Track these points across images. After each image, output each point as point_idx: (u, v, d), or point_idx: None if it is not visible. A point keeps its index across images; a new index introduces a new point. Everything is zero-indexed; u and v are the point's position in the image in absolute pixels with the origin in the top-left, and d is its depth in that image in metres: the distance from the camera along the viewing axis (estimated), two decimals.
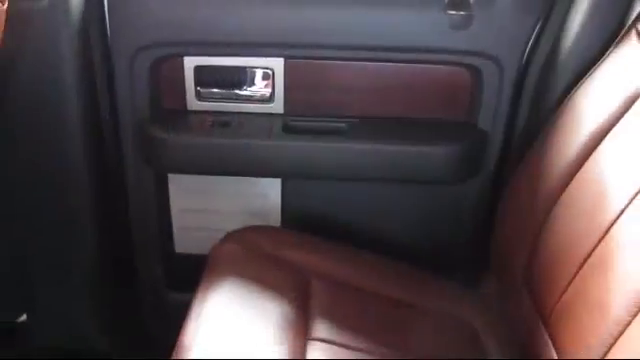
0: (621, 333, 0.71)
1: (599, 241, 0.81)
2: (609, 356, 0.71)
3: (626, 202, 0.79)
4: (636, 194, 0.79)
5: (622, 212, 0.79)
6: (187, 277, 1.10)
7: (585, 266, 0.82)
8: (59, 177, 1.22)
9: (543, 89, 1.11)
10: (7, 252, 1.34)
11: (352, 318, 1.00)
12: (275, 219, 1.28)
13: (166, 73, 1.19)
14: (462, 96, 1.19)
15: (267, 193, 1.27)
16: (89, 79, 1.15)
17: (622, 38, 0.96)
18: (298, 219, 1.27)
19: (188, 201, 1.30)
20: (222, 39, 1.16)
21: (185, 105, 1.21)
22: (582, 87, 1.00)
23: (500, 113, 1.17)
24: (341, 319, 0.98)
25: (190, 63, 1.18)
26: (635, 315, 0.69)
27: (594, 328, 0.75)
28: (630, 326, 0.69)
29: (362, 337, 0.96)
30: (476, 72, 1.16)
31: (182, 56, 1.18)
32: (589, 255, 0.82)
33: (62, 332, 1.39)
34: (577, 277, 0.83)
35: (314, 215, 1.27)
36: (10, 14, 0.95)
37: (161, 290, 1.35)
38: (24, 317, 1.45)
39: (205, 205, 1.29)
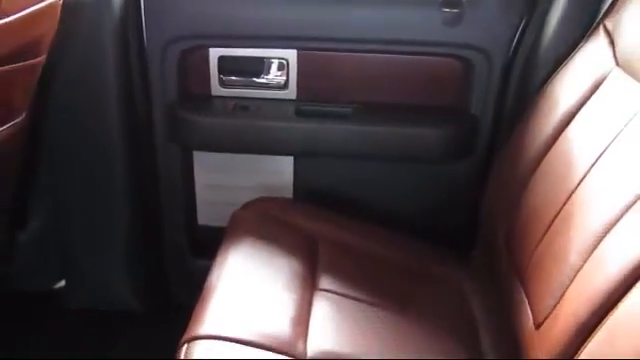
0: (575, 276, 0.84)
1: (566, 200, 0.95)
2: (565, 296, 0.85)
3: (588, 167, 0.93)
4: (596, 161, 0.93)
5: (585, 176, 0.93)
6: (208, 246, 1.25)
7: (554, 223, 0.96)
8: (97, 153, 1.38)
9: (527, 78, 1.25)
10: (51, 223, 1.50)
11: (353, 275, 1.14)
12: (288, 193, 1.43)
13: (193, 62, 1.35)
14: (455, 84, 1.34)
15: (281, 170, 1.42)
16: (126, 66, 1.31)
17: (592, 33, 1.11)
18: (308, 193, 1.42)
19: (210, 177, 1.45)
20: (243, 33, 1.32)
21: (210, 91, 1.37)
22: (558, 75, 1.14)
23: (489, 99, 1.31)
24: (343, 275, 1.13)
25: (214, 54, 1.34)
26: (586, 260, 0.83)
27: (556, 274, 0.89)
28: (582, 270, 0.83)
29: (361, 289, 1.10)
30: (467, 63, 1.31)
31: (207, 47, 1.34)
32: (558, 213, 0.96)
33: (96, 296, 1.55)
34: (547, 233, 0.97)
35: (322, 190, 1.42)
36: (63, 8, 1.11)
37: (185, 257, 1.50)
38: (63, 283, 1.62)
39: (225, 181, 1.45)
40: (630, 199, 0.80)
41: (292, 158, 1.41)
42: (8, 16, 0.88)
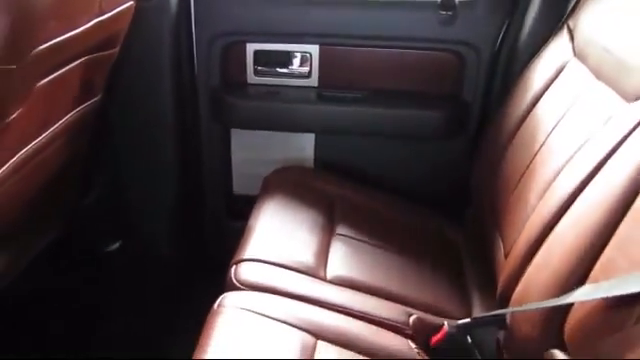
0: (532, 212, 1.10)
1: (531, 161, 1.21)
2: (525, 228, 1.10)
3: (547, 135, 1.19)
4: (553, 129, 1.19)
5: (544, 142, 1.19)
6: (242, 211, 1.51)
7: (522, 178, 1.22)
8: (151, 131, 1.66)
9: (509, 68, 1.52)
10: (109, 192, 1.78)
11: (363, 226, 1.40)
12: (309, 165, 1.70)
13: (233, 55, 1.63)
14: (449, 74, 1.60)
15: (304, 146, 1.69)
16: (178, 58, 1.59)
17: (558, 31, 1.37)
18: (326, 164, 1.69)
19: (245, 152, 1.73)
20: (275, 31, 1.60)
21: (246, 79, 1.65)
22: (532, 65, 1.40)
23: (478, 87, 1.58)
24: (356, 226, 1.39)
25: (251, 48, 1.62)
26: (541, 197, 1.08)
27: (520, 214, 1.15)
28: (537, 207, 1.09)
29: (370, 236, 1.36)
30: (460, 56, 1.57)
31: (245, 43, 1.62)
32: (525, 171, 1.21)
33: (146, 255, 1.82)
34: (517, 187, 1.23)
35: (338, 162, 1.68)
36: None
37: (222, 219, 1.77)
38: (118, 244, 1.89)
39: (257, 155, 1.72)
40: (570, 154, 1.05)
41: (313, 135, 1.68)
42: (104, 14, 1.16)
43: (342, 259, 1.26)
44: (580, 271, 0.88)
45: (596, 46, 1.17)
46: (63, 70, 1.15)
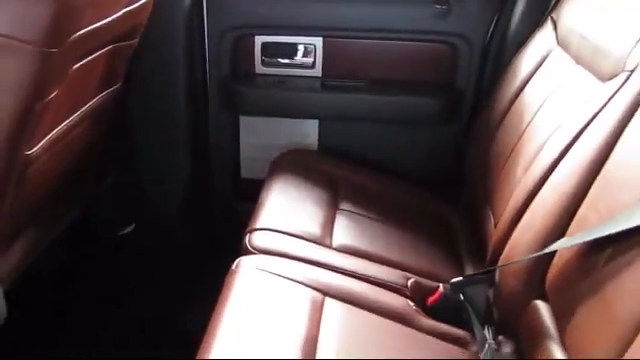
0: (518, 184, 1.21)
1: (517, 141, 1.33)
2: (511, 201, 1.21)
3: (532, 116, 1.31)
4: (537, 111, 1.30)
5: (529, 123, 1.31)
6: (249, 194, 1.62)
7: (510, 157, 1.33)
8: (165, 118, 1.77)
9: (499, 58, 1.64)
10: (124, 178, 1.89)
11: (365, 203, 1.51)
12: (313, 149, 1.81)
13: (242, 46, 1.74)
14: (444, 64, 1.72)
15: (308, 132, 1.81)
16: (191, 49, 1.70)
17: (543, 22, 1.49)
18: (329, 148, 1.80)
19: (252, 138, 1.84)
20: (281, 24, 1.71)
21: (254, 69, 1.76)
22: (520, 54, 1.52)
23: (471, 76, 1.70)
24: (357, 203, 1.51)
25: (259, 40, 1.74)
26: (527, 169, 1.20)
27: (508, 187, 1.26)
28: (523, 179, 1.20)
29: (371, 211, 1.48)
30: (453, 48, 1.69)
31: (254, 35, 1.73)
32: (512, 150, 1.33)
33: (159, 236, 1.93)
34: (505, 164, 1.34)
35: (340, 146, 1.79)
36: None
37: (230, 201, 1.88)
38: (132, 227, 2.00)
39: (264, 141, 1.83)
40: (552, 130, 1.17)
41: (317, 121, 1.79)
42: (131, 4, 1.27)
43: (346, 230, 1.38)
44: (558, 229, 1.00)
45: (576, 34, 1.29)
46: (92, 57, 1.26)
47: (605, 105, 1.02)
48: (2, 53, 1.00)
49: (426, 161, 1.77)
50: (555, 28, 1.43)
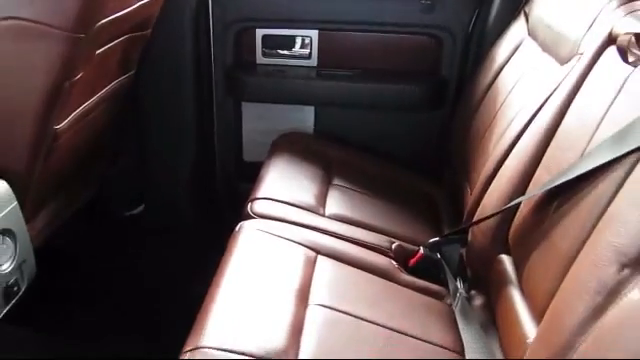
0: (492, 152, 1.36)
1: (492, 120, 1.48)
2: (483, 171, 1.36)
3: (505, 97, 1.46)
4: (509, 92, 1.45)
5: (502, 103, 1.46)
6: (250, 176, 1.77)
7: (485, 134, 1.48)
8: (173, 104, 1.92)
9: (479, 48, 1.79)
10: (134, 161, 2.04)
11: (356, 180, 1.66)
12: (310, 133, 1.97)
13: (244, 39, 1.90)
14: (429, 54, 1.87)
15: (305, 118, 1.96)
16: (197, 41, 1.85)
17: (516, 15, 1.64)
18: (324, 133, 1.95)
19: (254, 123, 1.99)
20: (280, 18, 1.87)
21: (255, 59, 1.92)
22: (496, 44, 1.67)
23: (454, 65, 1.85)
24: (349, 180, 1.65)
25: (260, 33, 1.89)
26: (497, 144, 1.34)
27: (482, 163, 1.41)
28: (493, 151, 1.35)
29: (362, 187, 1.63)
30: (438, 39, 1.84)
31: (255, 28, 1.88)
32: (488, 128, 1.48)
33: (167, 215, 2.08)
34: (481, 142, 1.49)
35: (334, 131, 1.95)
36: None
37: (233, 183, 2.03)
38: (141, 208, 2.14)
39: (264, 126, 1.98)
40: (519, 109, 1.32)
41: (313, 108, 1.95)
42: None
43: (337, 202, 1.53)
44: (520, 190, 1.16)
45: (543, 25, 1.44)
46: (111, 44, 1.42)
47: (560, 84, 1.17)
48: (37, 38, 1.16)
49: (414, 144, 1.92)
50: (527, 20, 1.58)
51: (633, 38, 0.93)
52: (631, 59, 0.93)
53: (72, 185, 1.71)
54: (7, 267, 1.22)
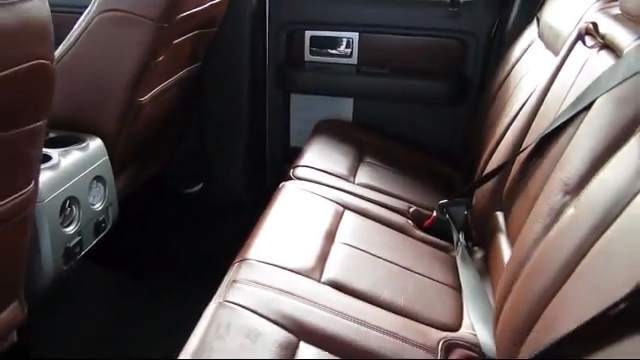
0: (495, 136, 1.60)
1: (502, 109, 1.71)
2: (489, 146, 1.60)
3: (515, 87, 1.70)
4: (518, 83, 1.69)
5: (514, 91, 1.70)
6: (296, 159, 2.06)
7: (496, 122, 1.72)
8: (231, 95, 2.23)
9: (499, 51, 2.03)
10: (196, 143, 2.36)
11: (385, 161, 1.93)
12: (348, 121, 2.25)
13: (295, 39, 2.20)
14: (455, 56, 2.13)
15: (345, 108, 2.24)
16: (254, 40, 2.17)
17: (530, 21, 1.89)
18: (360, 122, 2.23)
19: (300, 113, 2.28)
20: (326, 21, 2.16)
21: (304, 57, 2.22)
22: (512, 47, 1.92)
23: (477, 65, 2.10)
24: (379, 159, 1.92)
25: (308, 34, 2.19)
26: (501, 125, 1.59)
27: (492, 144, 1.65)
28: (499, 130, 1.59)
29: (390, 166, 1.89)
30: (464, 43, 2.10)
31: (304, 30, 2.19)
32: (499, 115, 1.72)
33: (222, 193, 2.38)
34: (492, 127, 1.73)
35: (369, 120, 2.22)
36: None
37: (281, 166, 2.32)
38: (200, 186, 2.46)
39: (309, 115, 2.27)
40: (525, 98, 1.56)
41: (352, 100, 2.23)
42: None
43: (366, 174, 1.80)
44: (513, 156, 1.40)
45: (548, 26, 1.68)
46: (185, 37, 1.74)
47: (550, 72, 1.41)
48: (132, 25, 1.48)
49: (439, 134, 2.17)
50: (538, 24, 1.82)
51: (591, 26, 1.16)
52: (589, 44, 1.17)
53: (146, 157, 2.04)
54: (99, 206, 1.54)
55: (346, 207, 1.56)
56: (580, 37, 1.27)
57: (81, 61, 1.51)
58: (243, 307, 1.10)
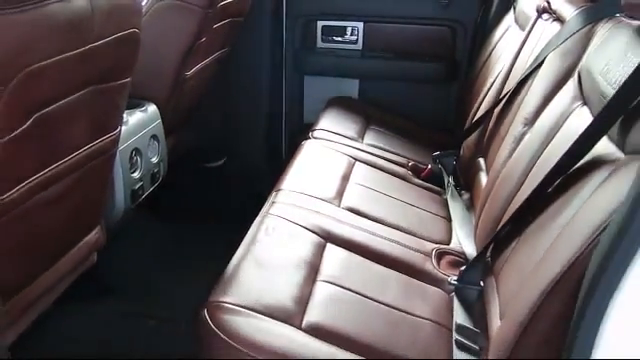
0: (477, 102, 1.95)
1: (485, 80, 2.06)
2: (473, 109, 1.95)
3: (495, 60, 2.05)
4: (498, 59, 2.04)
5: (493, 65, 2.05)
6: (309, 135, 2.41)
7: (479, 93, 2.07)
8: (253, 78, 2.58)
9: (483, 36, 2.38)
10: (219, 122, 2.69)
11: (388, 126, 2.28)
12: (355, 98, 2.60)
13: (308, 28, 2.55)
14: (446, 42, 2.48)
15: (351, 88, 2.59)
16: (274, 28, 2.51)
17: (509, 9, 2.24)
18: (365, 100, 2.57)
19: (312, 92, 2.63)
20: (335, 13, 2.52)
21: (316, 43, 2.57)
22: (493, 32, 2.26)
23: (465, 49, 2.45)
24: (384, 128, 2.27)
25: (320, 24, 2.54)
26: (483, 91, 1.93)
27: (473, 106, 2.00)
28: (479, 97, 1.94)
29: (393, 133, 2.24)
30: (453, 30, 2.46)
31: (316, 20, 2.54)
32: (480, 88, 2.07)
33: (244, 165, 2.72)
34: (475, 99, 2.08)
35: (373, 98, 2.56)
36: None
37: (296, 140, 2.66)
38: (224, 160, 2.79)
39: (321, 95, 2.61)
40: (501, 69, 1.91)
41: (358, 80, 2.58)
42: None
43: (372, 137, 2.16)
44: (491, 108, 1.74)
45: (521, 12, 2.03)
46: (221, 23, 2.08)
47: (518, 44, 1.76)
48: (183, 11, 1.83)
49: (434, 108, 2.53)
50: (515, 11, 2.17)
51: (546, 4, 1.52)
52: (545, 18, 1.52)
53: (186, 128, 2.37)
54: (154, 159, 1.88)
55: (357, 159, 1.91)
56: (539, 14, 1.62)
57: (142, 41, 1.85)
58: (283, 218, 1.44)
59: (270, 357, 1.04)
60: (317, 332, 1.11)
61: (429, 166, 1.98)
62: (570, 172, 1.04)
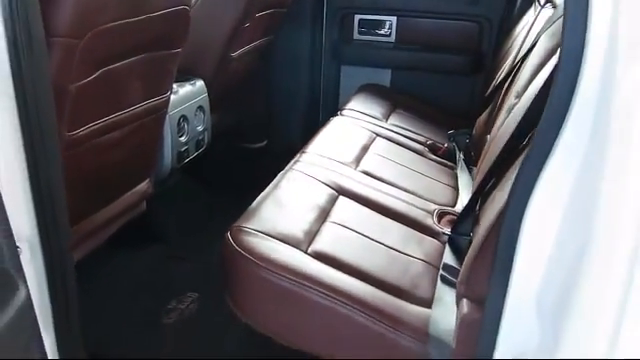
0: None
1: (503, 69, 2.24)
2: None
3: (515, 54, 2.22)
4: (518, 52, 2.21)
5: (509, 56, 2.22)
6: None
7: (498, 79, 2.25)
8: (295, 65, 2.82)
9: (508, 32, 2.55)
10: (262, 107, 2.95)
11: (413, 112, 2.48)
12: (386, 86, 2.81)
13: (346, 21, 2.78)
14: (472, 35, 2.67)
15: (384, 77, 2.80)
16: (314, 21, 2.75)
17: (531, 5, 2.40)
18: (396, 88, 2.78)
19: (347, 81, 2.85)
20: (372, 7, 2.74)
21: (352, 36, 2.79)
22: (516, 27, 2.43)
23: (490, 43, 2.63)
24: (409, 112, 2.47)
25: (357, 17, 2.77)
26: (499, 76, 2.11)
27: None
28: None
29: (416, 115, 2.44)
30: (480, 25, 2.64)
31: (354, 14, 2.76)
32: (500, 74, 2.24)
33: (284, 149, 2.96)
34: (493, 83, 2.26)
35: (403, 87, 2.77)
36: None
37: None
38: (265, 142, 3.04)
39: (356, 82, 2.83)
40: (513, 58, 2.08)
41: (390, 70, 2.79)
42: None
43: (397, 119, 2.37)
44: (499, 88, 1.92)
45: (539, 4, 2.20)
46: (263, 13, 2.33)
47: (526, 31, 1.94)
48: (224, 2, 2.09)
49: (460, 97, 2.72)
50: (535, 6, 2.34)
51: None
52: (544, 4, 1.70)
53: (229, 107, 2.62)
54: (200, 128, 2.14)
55: (378, 135, 2.12)
56: (542, 5, 1.81)
57: (193, 23, 2.12)
58: (304, 173, 1.67)
59: (280, 271, 1.26)
60: (320, 257, 1.33)
61: (445, 145, 2.17)
62: None
